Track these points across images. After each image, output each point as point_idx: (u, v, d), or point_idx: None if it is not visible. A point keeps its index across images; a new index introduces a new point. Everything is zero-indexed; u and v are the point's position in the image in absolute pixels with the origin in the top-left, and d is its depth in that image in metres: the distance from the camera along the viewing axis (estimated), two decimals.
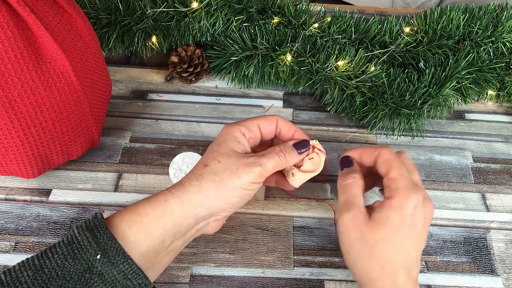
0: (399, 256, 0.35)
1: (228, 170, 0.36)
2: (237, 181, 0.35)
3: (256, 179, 0.36)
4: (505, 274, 0.45)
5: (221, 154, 0.37)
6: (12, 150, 0.39)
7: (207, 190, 0.35)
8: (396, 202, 0.35)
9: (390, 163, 0.37)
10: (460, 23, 0.58)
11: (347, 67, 0.54)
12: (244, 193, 0.37)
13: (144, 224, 0.34)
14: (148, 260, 0.34)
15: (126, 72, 0.60)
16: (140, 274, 0.32)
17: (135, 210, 0.35)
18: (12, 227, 0.45)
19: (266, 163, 0.37)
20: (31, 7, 0.36)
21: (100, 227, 0.33)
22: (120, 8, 0.55)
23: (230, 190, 0.36)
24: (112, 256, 0.32)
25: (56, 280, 0.31)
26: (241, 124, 0.39)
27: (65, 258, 0.32)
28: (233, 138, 0.38)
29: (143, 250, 0.33)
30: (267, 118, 0.40)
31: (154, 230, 0.34)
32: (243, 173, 0.36)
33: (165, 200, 0.35)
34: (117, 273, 0.32)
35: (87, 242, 0.32)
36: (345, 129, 0.56)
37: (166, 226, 0.34)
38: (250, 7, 0.57)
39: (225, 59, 0.57)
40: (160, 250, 0.35)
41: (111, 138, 0.53)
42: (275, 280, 0.43)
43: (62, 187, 0.48)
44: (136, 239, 0.33)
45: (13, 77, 0.36)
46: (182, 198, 0.35)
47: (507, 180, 0.52)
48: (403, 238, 0.35)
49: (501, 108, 0.60)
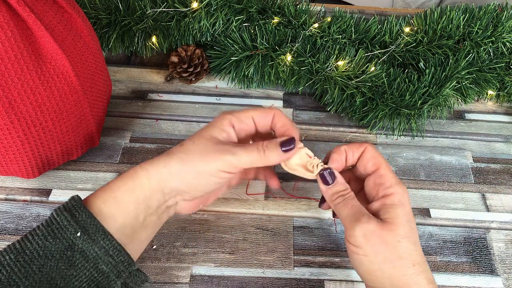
0: (420, 251, 0.35)
1: (199, 152, 0.35)
2: (203, 165, 0.35)
3: (225, 168, 0.35)
4: (505, 274, 0.45)
5: (199, 137, 0.36)
6: (12, 150, 0.39)
7: (172, 166, 0.35)
8: (398, 200, 0.36)
9: (378, 160, 0.38)
10: (460, 23, 0.58)
11: (347, 67, 0.54)
12: (211, 180, 0.35)
13: (117, 199, 0.34)
14: (126, 235, 0.34)
15: (126, 72, 0.60)
16: (122, 251, 0.33)
17: (108, 187, 0.35)
18: (12, 227, 0.45)
19: (241, 155, 0.35)
20: (31, 7, 0.36)
21: (78, 207, 0.33)
22: (120, 8, 0.55)
23: (194, 172, 0.35)
24: (92, 233, 0.32)
25: (38, 260, 0.31)
26: (233, 114, 0.38)
27: (46, 238, 0.32)
28: (218, 125, 0.37)
29: (119, 225, 0.34)
30: (263, 111, 0.39)
31: (127, 204, 0.34)
32: (211, 159, 0.35)
33: (134, 172, 0.35)
34: (98, 249, 0.32)
35: (66, 221, 0.32)
36: (345, 129, 0.56)
37: (138, 199, 0.35)
38: (250, 7, 0.57)
39: (225, 59, 0.57)
40: (135, 225, 0.35)
41: (111, 138, 0.53)
42: (275, 280, 0.43)
43: (62, 187, 0.48)
44: (111, 213, 0.34)
45: (13, 77, 0.36)
46: (150, 171, 0.35)
47: (507, 180, 0.52)
48: (415, 232, 0.36)
49: (501, 108, 0.60)
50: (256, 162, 0.36)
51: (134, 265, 0.34)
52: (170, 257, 0.44)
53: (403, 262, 0.34)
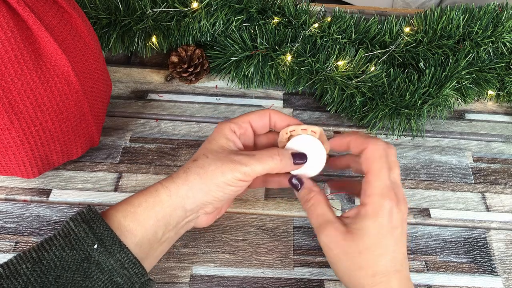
0: (386, 262, 0.35)
1: (214, 164, 0.36)
2: (220, 177, 0.36)
3: (241, 177, 0.36)
4: (505, 274, 0.45)
5: (210, 150, 0.38)
6: (12, 150, 0.39)
7: (191, 182, 0.36)
8: (370, 211, 0.35)
9: (371, 163, 0.36)
10: (460, 23, 0.58)
11: (347, 67, 0.54)
12: (229, 189, 0.37)
13: (137, 214, 0.35)
14: (143, 251, 0.35)
15: (126, 72, 0.60)
16: (137, 263, 0.33)
17: (129, 201, 0.36)
18: (12, 227, 0.45)
19: (255, 164, 0.36)
20: (31, 7, 0.36)
21: (96, 219, 0.33)
22: (120, 8, 0.55)
23: (214, 184, 0.36)
24: (109, 245, 0.32)
25: (55, 270, 0.31)
26: (231, 121, 0.40)
27: (63, 249, 0.32)
28: (222, 135, 0.38)
29: (138, 239, 0.34)
30: (258, 113, 0.40)
31: (147, 220, 0.35)
32: (227, 169, 0.36)
33: (155, 190, 0.36)
34: (114, 262, 0.32)
35: (84, 233, 0.32)
36: (345, 129, 0.56)
37: (158, 216, 0.35)
38: (250, 7, 0.57)
39: (225, 59, 0.57)
40: (153, 241, 0.36)
41: (111, 138, 0.53)
42: (275, 280, 0.43)
43: (62, 187, 0.48)
44: (130, 228, 0.34)
45: (13, 77, 0.36)
46: (170, 189, 0.36)
47: (507, 180, 0.52)
48: (385, 244, 0.35)
49: (501, 108, 0.60)
50: (271, 170, 0.37)
51: (147, 275, 0.34)
52: (170, 257, 0.44)
53: (362, 271, 0.35)
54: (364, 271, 0.35)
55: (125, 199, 0.36)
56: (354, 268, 0.35)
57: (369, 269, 0.34)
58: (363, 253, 0.34)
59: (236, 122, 0.40)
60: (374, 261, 0.34)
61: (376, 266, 0.34)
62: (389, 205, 0.35)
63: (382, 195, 0.35)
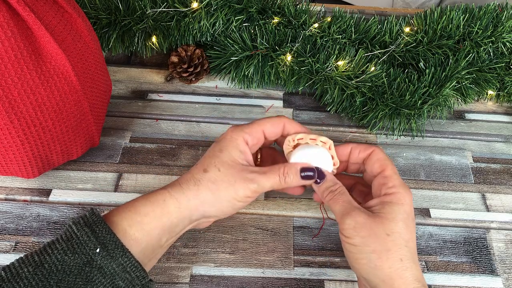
0: (411, 248, 0.35)
1: (227, 181, 0.37)
2: (233, 194, 0.37)
3: (251, 195, 0.38)
4: (505, 274, 0.45)
5: (221, 162, 0.38)
6: (12, 150, 0.39)
7: (203, 197, 0.37)
8: (398, 199, 0.37)
9: (384, 162, 0.39)
10: (460, 23, 0.58)
11: (347, 67, 0.54)
12: (238, 204, 0.38)
13: (144, 224, 0.35)
14: (146, 256, 0.35)
15: (126, 72, 0.60)
16: (138, 267, 0.33)
17: (135, 209, 0.36)
18: (12, 227, 0.45)
19: (264, 182, 0.37)
20: (31, 7, 0.36)
21: (99, 223, 0.33)
22: (120, 8, 0.55)
23: (225, 201, 0.37)
24: (111, 249, 0.32)
25: (56, 274, 0.31)
26: (245, 131, 0.39)
27: (65, 253, 0.32)
28: (235, 146, 0.38)
29: (142, 247, 0.35)
30: (273, 122, 0.40)
31: (153, 229, 0.35)
32: (240, 188, 0.37)
33: (163, 201, 0.36)
34: (116, 266, 0.32)
35: (86, 237, 0.32)
36: (345, 129, 0.56)
37: (164, 226, 0.36)
38: (250, 7, 0.57)
39: (225, 59, 0.57)
40: (156, 247, 0.36)
41: (111, 138, 0.53)
42: (275, 280, 0.43)
43: (62, 187, 0.48)
44: (136, 237, 0.34)
45: (13, 77, 0.36)
46: (180, 201, 0.36)
47: (507, 180, 0.52)
48: (411, 231, 0.36)
49: (501, 108, 0.60)
50: (276, 187, 0.39)
51: (148, 277, 0.34)
52: (170, 257, 0.44)
53: (390, 254, 0.35)
54: (392, 254, 0.35)
55: (130, 204, 0.36)
56: (381, 250, 0.35)
57: (396, 253, 0.35)
58: (391, 236, 0.35)
59: (250, 132, 0.39)
60: (401, 245, 0.35)
61: (402, 251, 0.35)
62: (411, 197, 0.38)
63: (404, 187, 0.38)
